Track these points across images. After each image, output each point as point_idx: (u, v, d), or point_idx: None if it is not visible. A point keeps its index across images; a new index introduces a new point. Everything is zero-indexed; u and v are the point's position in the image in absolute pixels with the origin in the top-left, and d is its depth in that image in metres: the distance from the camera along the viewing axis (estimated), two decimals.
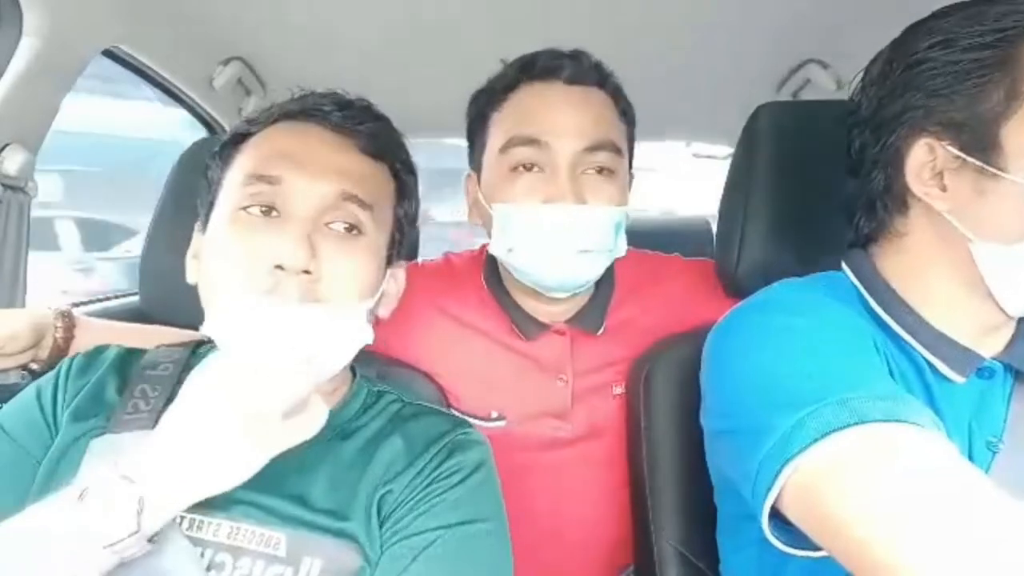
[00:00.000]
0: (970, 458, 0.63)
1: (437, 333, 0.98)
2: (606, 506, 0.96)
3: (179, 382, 0.75)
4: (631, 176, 0.96)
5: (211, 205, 0.72)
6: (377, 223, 0.71)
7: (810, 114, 0.91)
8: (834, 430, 0.53)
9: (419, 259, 1.13)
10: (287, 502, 0.66)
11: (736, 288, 0.91)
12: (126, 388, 0.73)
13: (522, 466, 0.93)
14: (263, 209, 0.67)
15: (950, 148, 0.63)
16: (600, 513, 0.97)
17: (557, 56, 0.90)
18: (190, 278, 0.74)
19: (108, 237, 5.43)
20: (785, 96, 1.61)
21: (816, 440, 0.53)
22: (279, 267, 0.64)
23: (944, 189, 0.64)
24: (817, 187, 0.81)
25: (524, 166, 0.88)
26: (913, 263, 0.68)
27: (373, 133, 0.73)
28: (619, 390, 0.96)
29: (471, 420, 0.92)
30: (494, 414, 0.95)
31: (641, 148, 0.99)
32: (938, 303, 0.67)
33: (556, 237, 0.86)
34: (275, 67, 1.59)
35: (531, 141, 0.87)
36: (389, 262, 0.76)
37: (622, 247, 0.92)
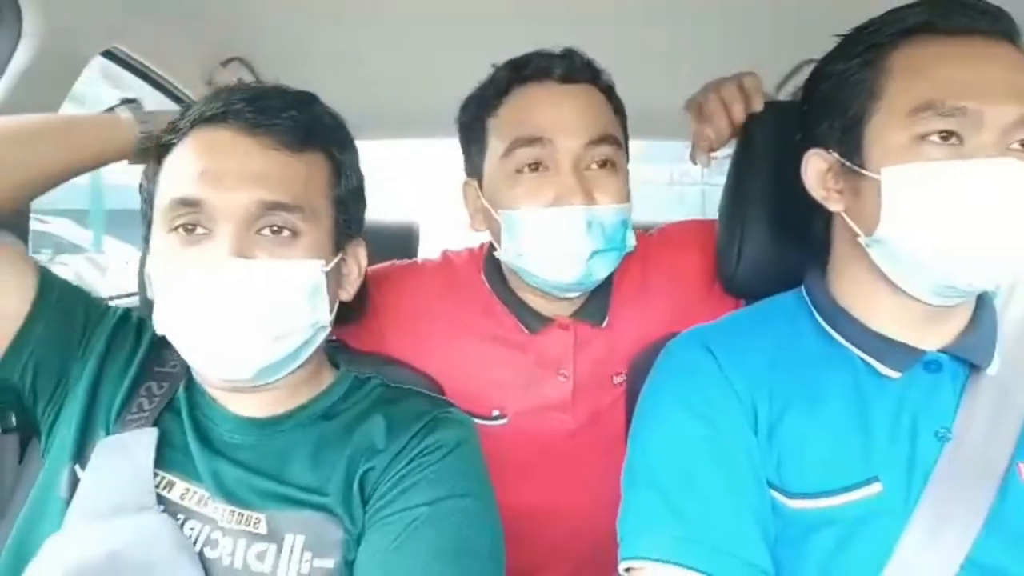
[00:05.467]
0: (914, 449, 0.65)
1: (437, 333, 0.98)
2: (608, 494, 0.96)
3: (191, 381, 0.77)
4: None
5: (149, 225, 0.72)
6: (312, 219, 0.69)
7: None
8: (652, 559, 0.62)
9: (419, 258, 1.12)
10: (268, 480, 0.68)
11: (736, 288, 0.91)
12: (136, 384, 0.75)
13: (523, 462, 0.93)
14: (188, 228, 0.66)
15: (833, 153, 0.68)
16: (602, 502, 0.97)
17: (548, 56, 0.91)
18: (150, 293, 0.73)
19: None
20: (784, 97, 1.60)
21: (639, 558, 0.64)
22: None
23: (840, 192, 0.69)
24: None
25: (528, 167, 0.88)
26: (841, 266, 0.72)
27: (292, 124, 0.69)
28: (619, 380, 0.95)
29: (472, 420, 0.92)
30: (495, 412, 0.95)
31: None
32: (870, 303, 0.70)
33: (569, 240, 0.86)
34: (274, 68, 1.58)
35: (534, 140, 0.87)
36: (339, 247, 0.74)
37: (631, 241, 0.92)
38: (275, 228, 0.67)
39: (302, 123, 0.70)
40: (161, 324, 0.69)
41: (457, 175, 1.03)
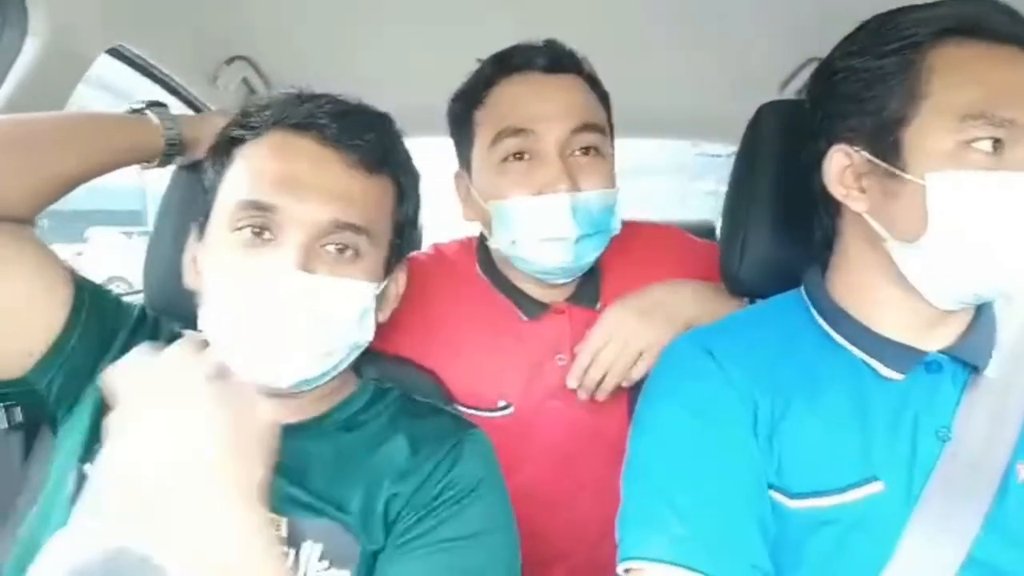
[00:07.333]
0: (914, 449, 0.65)
1: (436, 326, 0.98)
2: (609, 491, 0.96)
3: None
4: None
5: (207, 216, 0.72)
6: (374, 242, 0.71)
7: None
8: (652, 559, 0.62)
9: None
10: (289, 485, 0.68)
11: (739, 287, 0.91)
12: None
13: (527, 453, 0.94)
14: (255, 231, 0.67)
15: (862, 152, 0.66)
16: (604, 498, 0.97)
17: (531, 48, 0.93)
18: (187, 282, 0.74)
19: None
20: (789, 95, 1.60)
21: (639, 559, 0.63)
22: None
23: (863, 191, 0.67)
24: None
25: (514, 156, 0.90)
26: (849, 266, 0.71)
27: (372, 145, 0.70)
28: None
29: (479, 414, 0.92)
30: (501, 403, 0.96)
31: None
32: (876, 304, 0.69)
33: (556, 227, 0.88)
34: (279, 66, 1.59)
35: (518, 131, 0.89)
36: (389, 270, 0.75)
37: (617, 224, 0.95)
38: (340, 247, 0.68)
39: (380, 145, 0.71)
40: (208, 322, 0.69)
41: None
